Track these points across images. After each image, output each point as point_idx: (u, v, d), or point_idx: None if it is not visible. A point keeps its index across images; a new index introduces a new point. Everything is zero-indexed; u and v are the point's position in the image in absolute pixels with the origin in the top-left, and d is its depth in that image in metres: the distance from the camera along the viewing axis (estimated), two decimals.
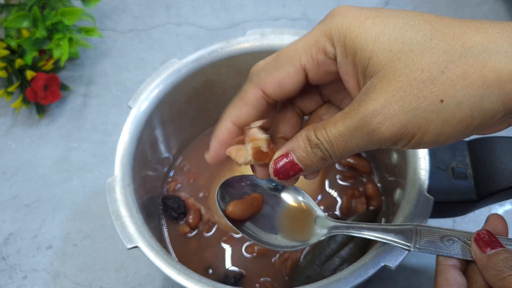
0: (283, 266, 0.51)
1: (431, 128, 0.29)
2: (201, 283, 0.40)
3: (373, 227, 0.40)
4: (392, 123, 0.29)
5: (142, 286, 0.56)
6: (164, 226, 0.54)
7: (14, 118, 0.70)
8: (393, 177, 0.51)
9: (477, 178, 0.45)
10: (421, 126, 0.29)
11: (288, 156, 0.33)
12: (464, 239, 0.38)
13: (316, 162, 0.32)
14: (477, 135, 0.34)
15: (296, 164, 0.33)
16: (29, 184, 0.64)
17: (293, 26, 0.76)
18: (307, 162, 0.32)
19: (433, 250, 0.38)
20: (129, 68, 0.74)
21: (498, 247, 0.35)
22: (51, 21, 0.67)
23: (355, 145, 0.30)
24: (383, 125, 0.29)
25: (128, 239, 0.42)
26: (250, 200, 0.42)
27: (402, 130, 0.29)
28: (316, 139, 0.31)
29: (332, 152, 0.31)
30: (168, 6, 0.80)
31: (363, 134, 0.30)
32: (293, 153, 0.33)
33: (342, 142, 0.31)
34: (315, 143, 0.32)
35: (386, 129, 0.29)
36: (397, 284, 0.55)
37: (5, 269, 0.58)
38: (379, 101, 0.29)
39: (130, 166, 0.47)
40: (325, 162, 0.32)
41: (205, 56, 0.52)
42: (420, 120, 0.29)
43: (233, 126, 0.35)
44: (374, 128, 0.29)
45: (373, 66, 0.30)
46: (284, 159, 0.33)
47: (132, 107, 0.49)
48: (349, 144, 0.31)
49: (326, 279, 0.40)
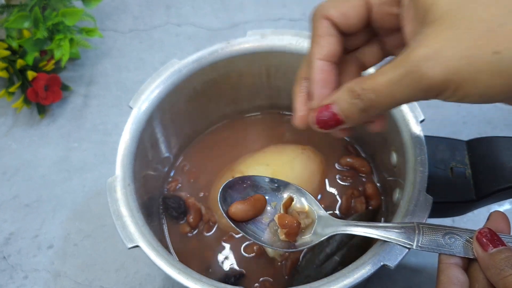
0: (283, 266, 0.51)
1: (482, 79, 0.28)
2: (201, 283, 0.40)
3: (374, 225, 0.40)
4: (443, 67, 0.28)
5: (142, 286, 0.57)
6: (164, 225, 0.54)
7: (15, 118, 0.70)
8: (393, 177, 0.51)
9: (476, 178, 0.45)
10: (471, 75, 0.28)
11: (330, 107, 0.34)
12: (466, 237, 0.37)
13: (356, 114, 0.33)
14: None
15: (336, 115, 0.34)
16: (29, 184, 0.64)
17: (293, 27, 0.76)
18: (347, 113, 0.33)
19: (435, 249, 0.37)
20: (129, 68, 0.74)
21: (500, 245, 0.35)
22: (52, 21, 0.67)
23: (402, 93, 0.31)
24: (433, 69, 0.29)
25: (129, 238, 0.43)
26: (253, 201, 0.42)
27: (452, 76, 0.29)
28: (359, 89, 0.32)
29: (375, 101, 0.32)
30: (168, 6, 0.80)
31: (412, 80, 0.30)
32: (335, 104, 0.34)
33: (388, 90, 0.31)
34: (358, 93, 0.32)
35: (436, 73, 0.29)
36: (396, 283, 0.55)
37: (6, 268, 0.58)
38: (432, 47, 0.29)
39: (131, 166, 0.47)
40: (366, 114, 0.33)
41: (205, 57, 0.52)
42: (472, 68, 0.28)
43: (322, 62, 0.36)
44: (424, 72, 0.29)
45: (434, 12, 0.30)
46: (326, 110, 0.34)
47: (133, 107, 0.49)
48: (396, 92, 0.31)
49: (326, 278, 0.40)
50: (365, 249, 0.42)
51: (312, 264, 0.49)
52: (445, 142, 0.46)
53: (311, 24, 0.37)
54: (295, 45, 0.52)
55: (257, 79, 0.56)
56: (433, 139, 0.46)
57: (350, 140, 0.59)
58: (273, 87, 0.57)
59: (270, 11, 0.78)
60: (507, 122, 0.65)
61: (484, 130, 0.64)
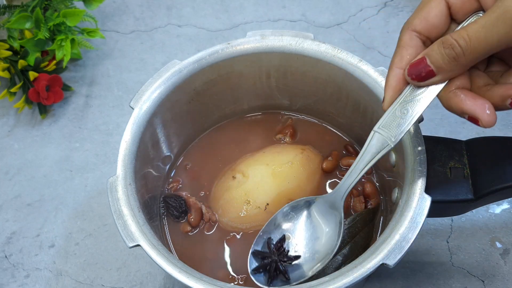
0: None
1: None
2: (202, 281, 0.40)
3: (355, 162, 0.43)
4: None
5: (144, 284, 0.57)
6: (165, 225, 0.55)
7: (17, 118, 0.70)
8: (392, 176, 0.51)
9: (474, 178, 0.45)
10: None
11: (423, 60, 0.37)
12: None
13: (447, 63, 0.36)
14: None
15: (428, 66, 0.37)
16: (31, 183, 0.65)
17: (292, 27, 0.76)
18: (438, 64, 0.36)
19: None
20: (131, 69, 0.74)
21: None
22: (53, 22, 0.67)
23: (495, 37, 0.33)
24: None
25: (130, 237, 0.43)
26: None
27: None
28: (451, 39, 0.35)
29: (467, 48, 0.34)
30: (169, 8, 0.80)
31: (505, 20, 0.32)
32: (427, 56, 0.37)
33: (481, 35, 0.33)
34: (449, 43, 0.35)
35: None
36: (395, 282, 0.55)
37: (8, 267, 0.59)
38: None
39: (132, 165, 0.47)
40: (457, 63, 0.35)
41: (206, 57, 0.52)
42: None
43: (399, 71, 0.39)
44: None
45: None
46: (419, 63, 0.37)
47: (134, 107, 0.50)
48: (488, 36, 0.33)
49: (327, 277, 0.41)
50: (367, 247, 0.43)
51: None
52: (443, 142, 0.47)
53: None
54: (295, 46, 0.52)
55: (257, 80, 0.57)
56: (432, 139, 0.47)
57: (350, 140, 0.59)
58: (273, 87, 0.58)
59: (270, 12, 0.79)
60: (505, 122, 0.66)
61: (482, 130, 0.65)
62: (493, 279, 0.55)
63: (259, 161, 0.56)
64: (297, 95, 0.58)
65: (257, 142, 0.59)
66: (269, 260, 0.47)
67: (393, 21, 0.76)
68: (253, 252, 0.48)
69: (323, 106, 0.58)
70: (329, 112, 0.59)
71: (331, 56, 0.51)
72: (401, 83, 0.39)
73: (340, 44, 0.71)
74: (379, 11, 0.77)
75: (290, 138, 0.59)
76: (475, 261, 0.56)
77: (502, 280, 0.55)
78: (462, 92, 0.37)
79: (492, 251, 0.57)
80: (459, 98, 0.37)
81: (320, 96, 0.57)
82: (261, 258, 0.47)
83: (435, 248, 0.57)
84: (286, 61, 0.54)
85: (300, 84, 0.56)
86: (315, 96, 0.57)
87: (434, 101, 0.39)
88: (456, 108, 0.37)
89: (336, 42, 0.74)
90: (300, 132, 0.60)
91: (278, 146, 0.58)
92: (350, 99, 0.54)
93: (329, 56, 0.52)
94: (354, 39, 0.75)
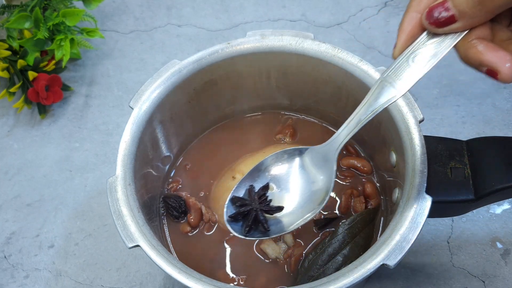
0: (287, 263, 0.51)
1: None
2: (202, 282, 0.40)
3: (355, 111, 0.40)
4: None
5: (143, 285, 0.57)
6: (165, 225, 0.55)
7: (16, 118, 0.70)
8: (392, 177, 0.51)
9: (475, 178, 0.45)
10: None
11: (444, 3, 0.33)
12: None
13: (471, 7, 0.32)
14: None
15: (449, 10, 0.33)
16: (31, 183, 0.65)
17: (292, 27, 0.76)
18: (462, 7, 0.32)
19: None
20: (130, 69, 0.74)
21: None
22: (52, 22, 0.67)
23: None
24: None
25: (129, 238, 0.43)
26: None
27: None
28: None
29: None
30: (169, 7, 0.80)
31: None
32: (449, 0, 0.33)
33: None
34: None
35: None
36: (396, 282, 0.55)
37: (7, 268, 0.59)
38: None
39: (131, 166, 0.47)
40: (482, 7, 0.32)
41: (206, 57, 0.52)
42: None
43: (416, 15, 0.35)
44: None
45: None
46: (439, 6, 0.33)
47: (134, 107, 0.50)
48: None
49: (326, 278, 0.41)
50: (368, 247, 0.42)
51: (315, 265, 0.50)
52: (444, 142, 0.47)
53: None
54: (295, 46, 0.52)
55: (257, 80, 0.56)
56: (432, 139, 0.47)
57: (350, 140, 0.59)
58: (273, 87, 0.58)
59: (270, 12, 0.79)
60: (506, 122, 0.66)
61: (483, 130, 0.65)
62: (494, 279, 0.55)
63: (259, 161, 0.55)
64: (297, 95, 0.58)
65: (257, 142, 0.59)
66: (249, 208, 0.43)
67: (393, 21, 0.76)
68: (231, 199, 0.44)
69: (323, 106, 0.58)
70: (329, 112, 0.59)
71: (331, 56, 0.51)
72: (416, 29, 0.36)
73: (340, 44, 0.71)
74: (379, 11, 0.77)
75: (290, 138, 0.59)
76: (475, 261, 0.56)
77: (502, 281, 0.55)
78: (482, 43, 0.33)
79: (493, 251, 0.57)
80: (478, 48, 0.33)
81: (320, 96, 0.57)
82: (239, 206, 0.44)
83: (436, 249, 0.57)
84: (286, 61, 0.54)
85: (300, 84, 0.56)
86: (315, 96, 0.57)
87: (433, 102, 0.38)
88: (474, 59, 0.34)
89: (336, 42, 0.74)
90: (300, 132, 0.60)
91: (278, 146, 0.58)
92: (350, 99, 0.54)
93: (329, 56, 0.51)
94: (354, 39, 0.75)
